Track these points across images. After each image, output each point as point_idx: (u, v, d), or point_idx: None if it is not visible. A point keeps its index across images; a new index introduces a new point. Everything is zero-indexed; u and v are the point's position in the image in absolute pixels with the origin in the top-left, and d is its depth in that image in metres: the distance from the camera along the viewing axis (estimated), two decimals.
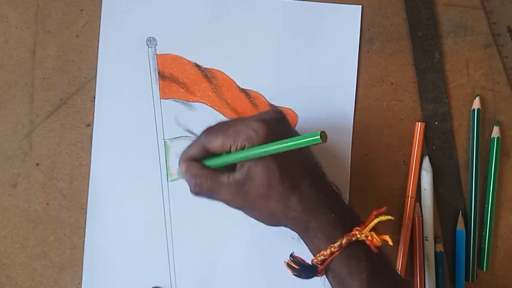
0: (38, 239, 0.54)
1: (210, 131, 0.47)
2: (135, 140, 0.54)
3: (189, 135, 0.55)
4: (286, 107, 0.55)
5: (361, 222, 0.44)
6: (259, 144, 0.42)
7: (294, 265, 0.46)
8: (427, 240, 0.54)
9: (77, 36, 0.55)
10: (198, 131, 0.54)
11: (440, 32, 0.56)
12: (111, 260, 0.54)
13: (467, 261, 0.54)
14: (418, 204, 0.54)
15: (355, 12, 0.55)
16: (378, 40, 0.56)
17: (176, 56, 0.55)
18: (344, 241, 0.42)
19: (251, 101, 0.55)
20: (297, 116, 0.55)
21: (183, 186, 0.54)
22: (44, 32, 0.55)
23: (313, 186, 0.45)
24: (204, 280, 0.54)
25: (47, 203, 0.54)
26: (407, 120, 0.55)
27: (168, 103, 0.55)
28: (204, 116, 0.55)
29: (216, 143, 0.45)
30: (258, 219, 0.47)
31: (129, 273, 0.54)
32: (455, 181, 0.55)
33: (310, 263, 0.45)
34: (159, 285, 0.54)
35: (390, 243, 0.43)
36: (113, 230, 0.54)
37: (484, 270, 0.54)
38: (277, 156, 0.43)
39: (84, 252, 0.54)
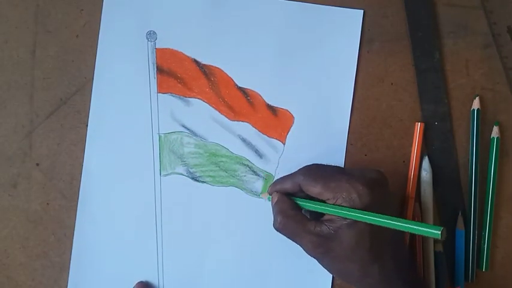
0: (38, 239, 0.54)
1: (311, 174, 0.47)
2: (129, 133, 0.54)
3: (184, 130, 0.55)
4: (283, 107, 0.55)
5: None
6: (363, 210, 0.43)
7: None
8: (426, 240, 0.54)
9: (77, 36, 0.55)
10: (194, 127, 0.54)
11: (440, 32, 0.56)
12: (99, 253, 0.54)
13: (466, 261, 0.54)
14: (417, 204, 0.54)
15: (356, 16, 0.55)
16: (377, 40, 0.56)
17: (175, 50, 0.55)
18: None
19: (248, 99, 0.55)
20: (293, 117, 0.55)
21: (175, 181, 0.54)
22: (43, 32, 0.55)
23: (393, 259, 0.45)
24: (192, 276, 0.54)
25: (47, 203, 0.54)
26: (407, 120, 0.55)
27: (165, 98, 0.55)
28: (200, 112, 0.55)
29: (313, 190, 0.45)
30: (330, 272, 0.48)
31: (117, 267, 0.54)
32: (455, 181, 0.55)
33: None
34: (147, 280, 0.54)
35: None
36: (103, 223, 0.54)
37: (484, 270, 0.54)
38: (371, 226, 0.43)
39: (73, 245, 0.54)
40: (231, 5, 0.55)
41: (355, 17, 0.55)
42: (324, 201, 0.46)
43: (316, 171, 0.47)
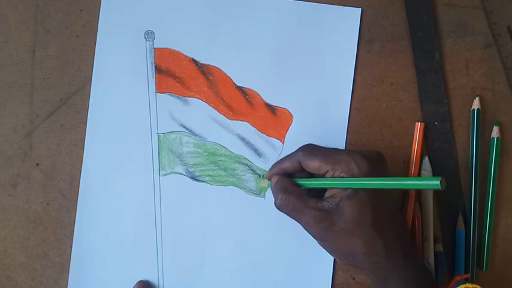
0: (38, 239, 0.54)
1: (309, 150, 0.47)
2: (128, 132, 0.54)
3: (183, 130, 0.55)
4: (282, 106, 0.55)
5: (438, 284, 0.44)
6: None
7: None
8: (426, 240, 0.53)
9: (77, 36, 0.55)
10: (193, 127, 0.54)
11: (440, 32, 0.56)
12: (99, 253, 0.54)
13: (466, 261, 0.54)
14: (417, 204, 0.54)
15: (354, 14, 0.55)
16: (378, 40, 0.56)
17: (174, 50, 0.55)
18: None
19: (247, 99, 0.55)
20: (292, 116, 0.55)
21: (174, 180, 0.55)
22: (43, 32, 0.55)
23: (398, 236, 0.45)
24: (192, 275, 0.54)
25: (47, 203, 0.54)
26: (407, 120, 0.55)
27: (164, 97, 0.55)
28: (199, 111, 0.55)
29: (312, 164, 0.46)
30: (333, 254, 0.47)
31: (117, 266, 0.54)
32: (455, 181, 0.55)
33: None
34: (146, 279, 0.54)
35: None
36: (103, 223, 0.54)
37: (484, 270, 0.54)
38: (372, 197, 0.43)
39: (73, 244, 0.54)
40: (229, 4, 0.55)
41: (353, 15, 0.55)
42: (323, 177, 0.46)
43: (314, 148, 0.48)
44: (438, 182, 0.35)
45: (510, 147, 0.56)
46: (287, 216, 0.47)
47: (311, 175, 0.48)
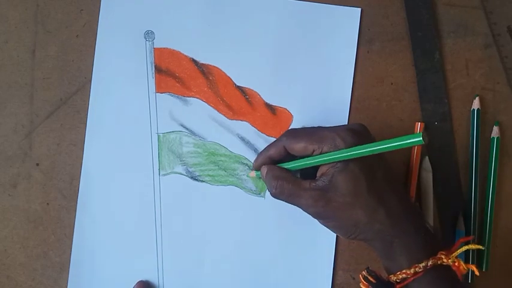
0: (38, 239, 0.54)
1: (293, 134, 0.47)
2: (128, 132, 0.54)
3: (183, 130, 0.55)
4: (282, 106, 0.55)
5: (444, 247, 0.44)
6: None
7: (371, 279, 0.45)
8: None
9: (77, 36, 0.55)
10: (193, 127, 0.54)
11: (440, 32, 0.56)
12: (99, 253, 0.54)
13: (466, 261, 0.54)
14: (417, 204, 0.54)
15: (354, 14, 0.55)
16: (378, 40, 0.56)
17: (173, 50, 0.55)
18: (430, 263, 0.42)
19: (247, 98, 0.55)
20: (291, 116, 0.55)
21: (174, 180, 0.55)
22: (43, 32, 0.55)
23: (400, 203, 0.45)
24: (192, 275, 0.54)
25: (47, 203, 0.54)
26: (407, 120, 0.55)
27: (163, 97, 0.55)
28: (199, 111, 0.55)
29: (298, 146, 0.46)
30: (338, 230, 0.47)
31: (117, 267, 0.54)
32: (455, 181, 0.55)
33: (386, 279, 0.45)
34: (146, 279, 0.54)
35: (477, 273, 0.44)
36: (103, 223, 0.54)
37: (484, 270, 0.54)
38: (363, 167, 0.43)
39: (73, 244, 0.54)
40: (229, 4, 0.55)
41: (352, 15, 0.55)
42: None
43: (297, 130, 0.48)
44: (420, 138, 0.36)
45: (510, 147, 0.55)
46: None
47: (298, 159, 0.48)
